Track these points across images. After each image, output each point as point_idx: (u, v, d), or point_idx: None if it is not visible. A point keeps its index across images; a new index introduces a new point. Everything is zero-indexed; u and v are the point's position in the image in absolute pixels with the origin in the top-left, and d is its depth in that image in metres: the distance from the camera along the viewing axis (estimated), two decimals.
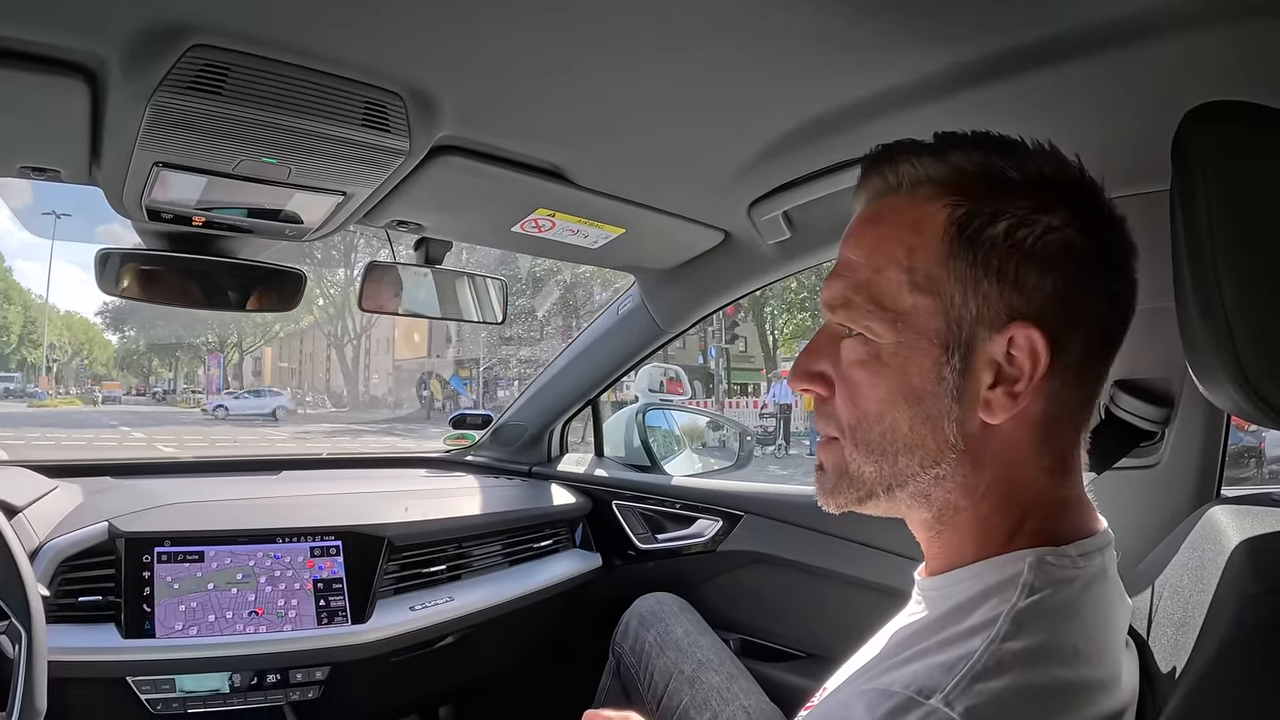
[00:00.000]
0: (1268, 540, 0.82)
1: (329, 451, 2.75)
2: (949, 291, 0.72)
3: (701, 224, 1.73)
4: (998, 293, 0.71)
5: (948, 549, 0.79)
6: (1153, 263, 0.81)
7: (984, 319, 0.71)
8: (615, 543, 2.40)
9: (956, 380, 0.72)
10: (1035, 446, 0.74)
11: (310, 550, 1.69)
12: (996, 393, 0.71)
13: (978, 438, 0.73)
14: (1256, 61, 0.94)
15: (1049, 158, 0.75)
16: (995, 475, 0.74)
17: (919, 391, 0.73)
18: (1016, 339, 0.70)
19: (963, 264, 0.71)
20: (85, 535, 1.52)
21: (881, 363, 0.75)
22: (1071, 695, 0.67)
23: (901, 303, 0.74)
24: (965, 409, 0.72)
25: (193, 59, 0.96)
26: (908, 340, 0.73)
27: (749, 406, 21.88)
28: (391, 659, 1.76)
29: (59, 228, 24.09)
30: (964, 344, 0.72)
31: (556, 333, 26.58)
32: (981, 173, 0.74)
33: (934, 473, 0.74)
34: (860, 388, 0.76)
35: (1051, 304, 0.70)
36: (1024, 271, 0.70)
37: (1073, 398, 0.74)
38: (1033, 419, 0.73)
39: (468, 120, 1.21)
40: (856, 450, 0.77)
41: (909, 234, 0.75)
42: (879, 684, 0.68)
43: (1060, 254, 0.71)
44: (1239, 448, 7.27)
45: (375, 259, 1.84)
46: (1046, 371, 0.70)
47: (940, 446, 0.73)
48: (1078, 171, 0.76)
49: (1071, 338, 0.71)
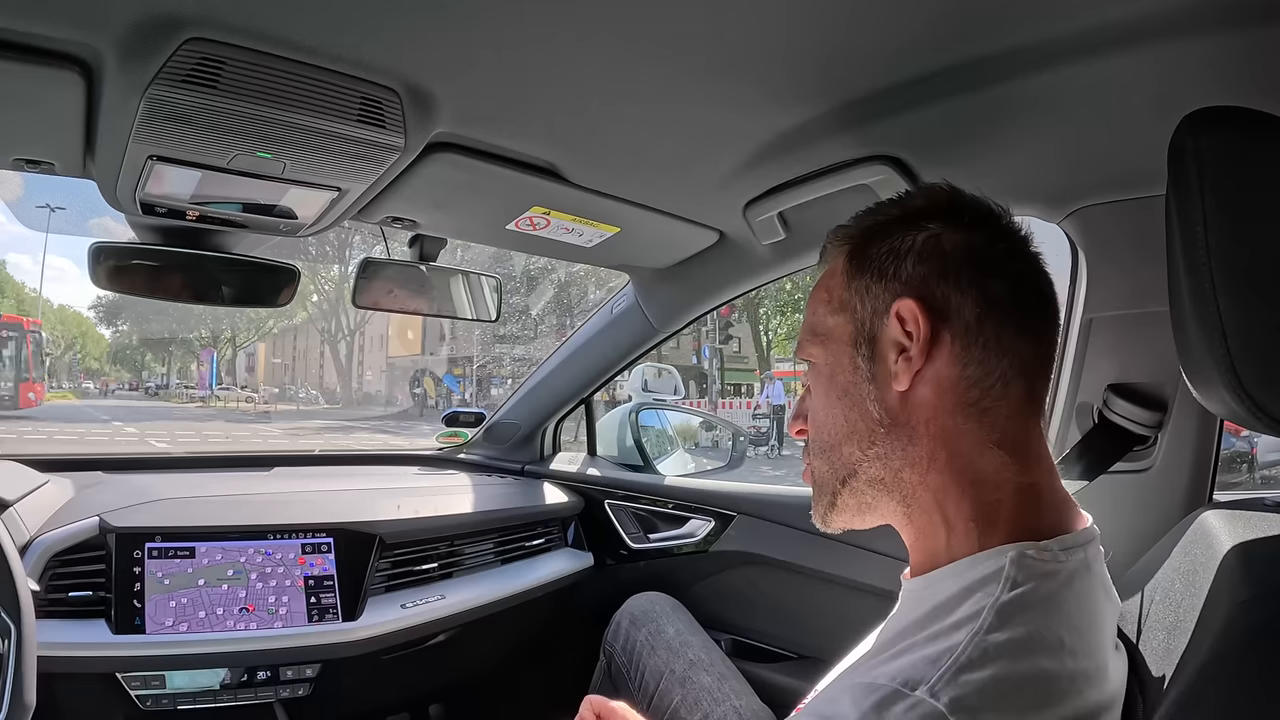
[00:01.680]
0: (1260, 545, 0.83)
1: (321, 448, 2.74)
2: (853, 303, 0.86)
3: (697, 224, 1.73)
4: (882, 288, 0.83)
5: (927, 538, 0.82)
6: (1147, 267, 0.82)
7: (878, 311, 0.83)
8: (607, 542, 2.40)
9: (869, 366, 0.83)
10: (965, 413, 0.80)
11: (301, 547, 1.69)
12: (899, 363, 0.81)
13: (900, 409, 0.81)
14: (1253, 68, 0.94)
15: (923, 193, 0.89)
16: (933, 444, 0.80)
17: (844, 386, 0.86)
18: (900, 313, 0.80)
19: (857, 279, 0.86)
20: (76, 530, 1.52)
21: (821, 376, 0.89)
22: (1056, 686, 0.68)
23: (826, 325, 0.89)
24: (881, 387, 0.83)
25: (188, 52, 0.95)
26: (833, 351, 0.87)
27: (742, 407, 21.91)
28: (382, 657, 1.76)
29: (52, 221, 24.03)
30: (869, 336, 0.84)
31: (550, 331, 26.57)
32: (871, 221, 0.89)
33: (873, 451, 0.83)
34: (815, 404, 0.90)
35: (929, 281, 0.81)
36: (901, 267, 0.82)
37: (990, 364, 0.79)
38: (950, 384, 0.80)
39: (463, 117, 1.21)
40: (815, 457, 0.90)
41: (828, 279, 0.90)
42: (866, 678, 0.69)
43: (932, 250, 0.82)
44: (1231, 453, 7.29)
45: (370, 255, 1.84)
46: (938, 334, 0.79)
47: (870, 425, 0.83)
48: (948, 192, 0.87)
49: (959, 302, 0.79)
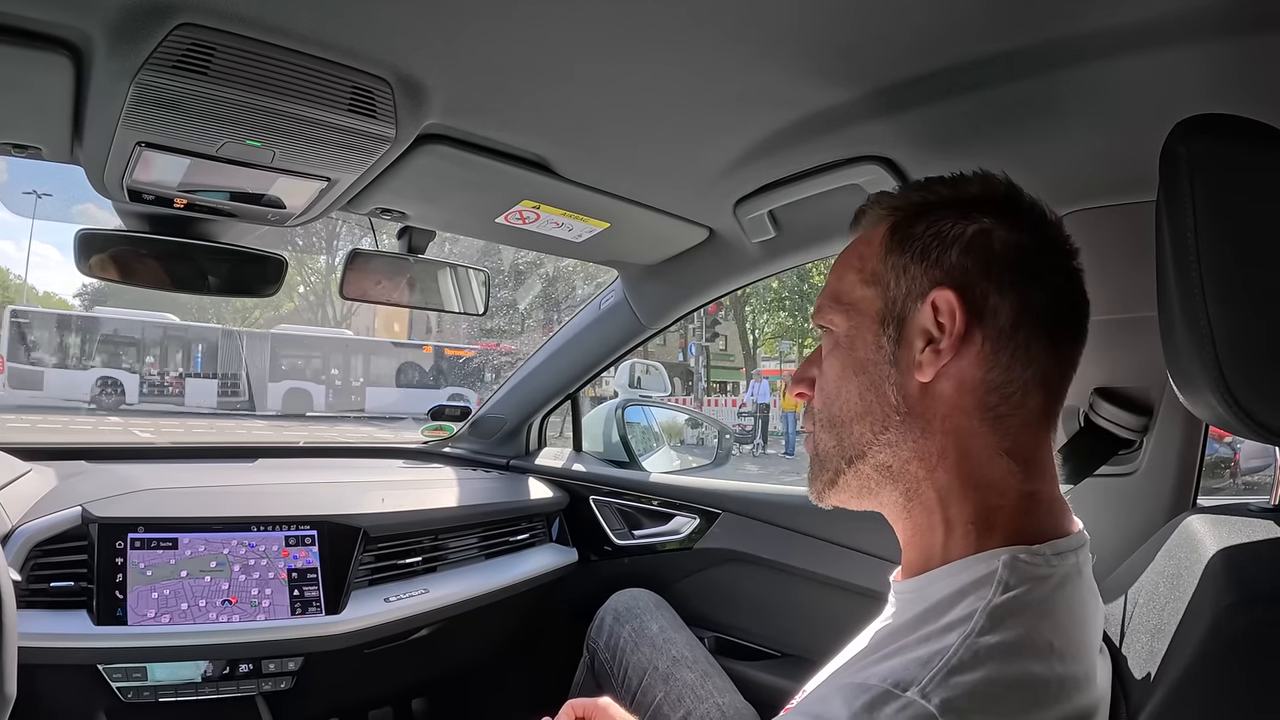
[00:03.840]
0: (1244, 550, 0.83)
1: (306, 440, 2.73)
2: (887, 279, 0.83)
3: (686, 220, 1.73)
4: (922, 271, 0.81)
5: (923, 536, 0.82)
6: (1136, 272, 0.82)
7: (912, 294, 0.81)
8: (592, 538, 2.40)
9: (893, 349, 0.82)
10: (982, 417, 0.79)
11: (285, 539, 1.68)
12: (926, 353, 0.79)
13: (918, 400, 0.80)
14: (1246, 76, 0.95)
15: (979, 181, 0.85)
16: (945, 441, 0.79)
17: (863, 362, 0.84)
18: (937, 302, 0.79)
19: (896, 256, 0.83)
20: (58, 520, 1.51)
21: (839, 346, 0.87)
22: (1045, 690, 0.68)
23: (854, 295, 0.86)
24: (903, 374, 0.81)
25: (179, 38, 0.94)
26: (856, 323, 0.85)
27: (728, 405, 21.94)
28: (365, 650, 1.75)
29: (38, 207, 23.81)
30: (898, 317, 0.82)
31: (538, 326, 26.53)
32: (920, 197, 0.87)
33: (885, 438, 0.82)
34: (827, 374, 0.88)
35: (971, 276, 0.79)
36: (945, 254, 0.80)
37: (1015, 371, 0.78)
38: (972, 384, 0.79)
39: (455, 109, 1.21)
40: (822, 429, 0.88)
41: (863, 246, 0.88)
42: (856, 679, 0.69)
43: (981, 242, 0.80)
44: (1214, 458, 7.33)
45: (358, 247, 1.83)
46: (971, 332, 0.78)
47: (885, 410, 0.82)
48: (1004, 186, 0.85)
49: (996, 304, 0.78)
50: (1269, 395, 0.68)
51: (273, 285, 1.76)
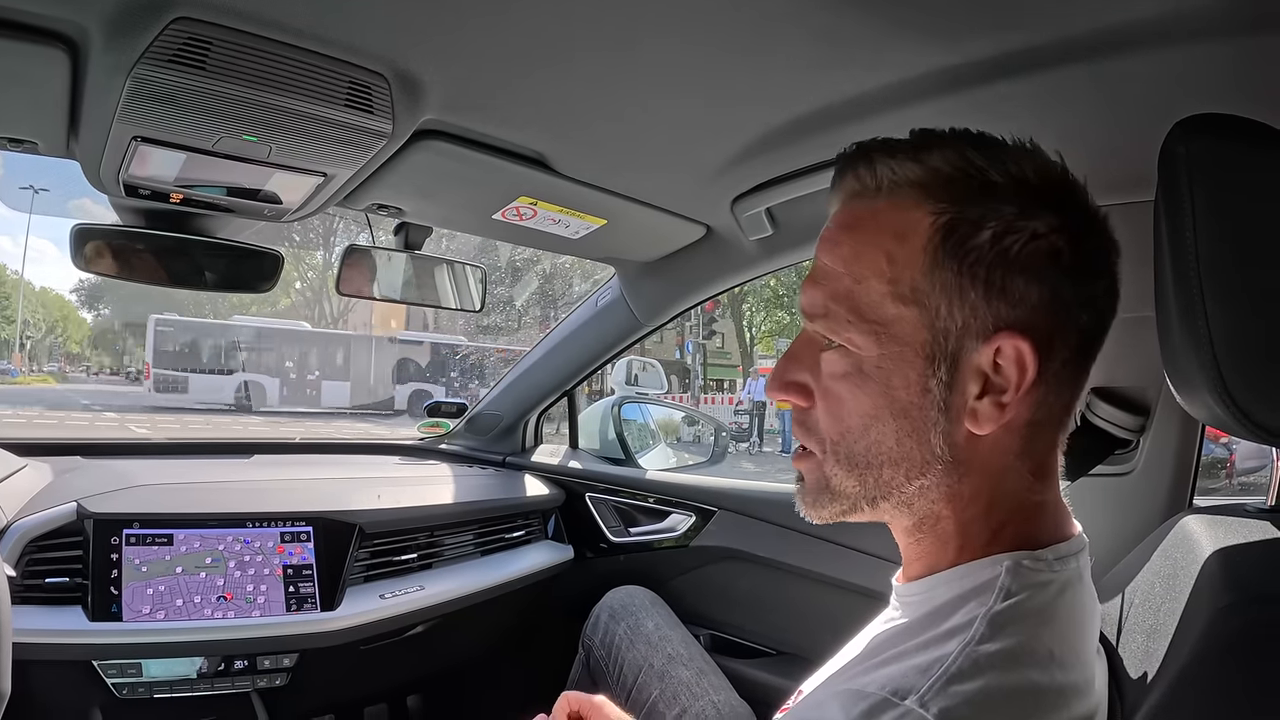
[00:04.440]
0: (1241, 551, 0.83)
1: (302, 436, 2.72)
2: (934, 302, 0.70)
3: (684, 218, 1.72)
4: (984, 303, 0.68)
5: (927, 554, 0.78)
6: (1133, 273, 0.81)
7: (970, 330, 0.69)
8: (588, 535, 2.39)
9: (943, 392, 0.70)
10: (1019, 453, 0.73)
11: (281, 536, 1.68)
12: (984, 403, 0.69)
13: (964, 448, 0.71)
14: (1246, 76, 0.95)
15: (1031, 157, 0.73)
16: (980, 483, 0.73)
17: (905, 405, 0.71)
18: (1004, 349, 0.68)
19: (948, 274, 0.69)
20: (53, 515, 1.50)
21: (865, 376, 0.72)
22: (1045, 699, 0.67)
23: (884, 313, 0.71)
24: (951, 421, 0.71)
25: (175, 32, 0.94)
26: (891, 353, 0.71)
27: (724, 403, 21.94)
28: (360, 647, 1.75)
29: (34, 202, 23.83)
30: (950, 355, 0.70)
31: (534, 323, 26.51)
32: (962, 175, 0.71)
33: (919, 484, 0.73)
34: (844, 402, 0.74)
35: (1038, 313, 0.68)
36: (1010, 281, 0.68)
37: (1055, 403, 0.73)
38: (1018, 427, 0.72)
39: (452, 105, 1.20)
40: (839, 465, 0.76)
41: (891, 242, 0.72)
42: (854, 685, 0.68)
43: (1047, 262, 0.68)
44: (1209, 459, 7.34)
45: (354, 243, 1.83)
46: (1034, 380, 0.68)
47: (926, 458, 0.72)
48: (1061, 172, 0.74)
49: (1057, 345, 0.69)
50: (1267, 396, 0.68)
51: (269, 281, 1.75)
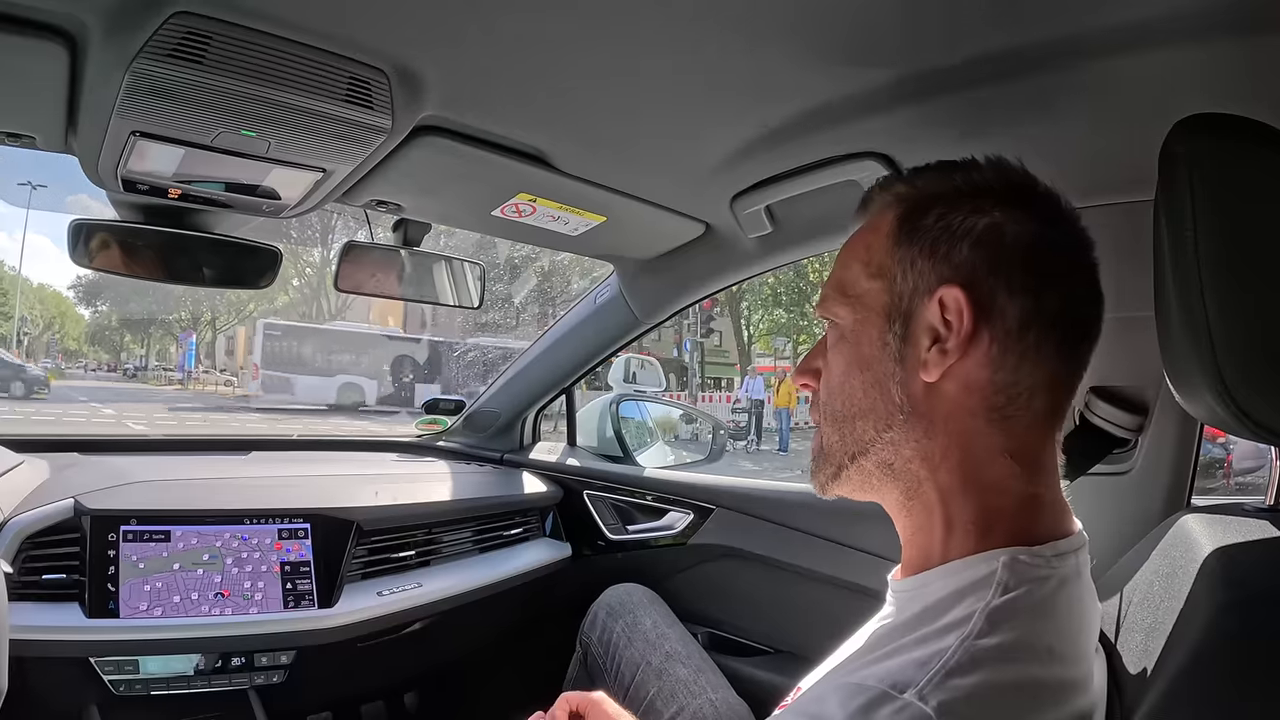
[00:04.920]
0: (1240, 550, 0.83)
1: (299, 433, 2.72)
2: (893, 273, 0.81)
3: (683, 215, 1.72)
4: (930, 266, 0.79)
5: (923, 534, 0.81)
6: (1132, 272, 0.82)
7: (919, 289, 0.79)
8: (585, 532, 2.39)
9: (898, 345, 0.80)
10: (987, 418, 0.77)
11: (278, 532, 1.68)
12: (932, 352, 0.77)
13: (923, 399, 0.79)
14: (1246, 76, 0.95)
15: (993, 168, 0.83)
16: (948, 441, 0.78)
17: (868, 358, 0.82)
18: (944, 300, 0.76)
19: (903, 248, 0.81)
20: (50, 512, 1.50)
21: (844, 340, 0.85)
22: (1044, 693, 0.68)
23: (859, 288, 0.84)
24: (908, 371, 0.79)
25: (174, 26, 0.93)
26: (862, 317, 0.83)
27: (722, 401, 21.97)
28: (358, 644, 1.75)
29: (32, 197, 23.87)
30: (904, 313, 0.80)
31: (532, 320, 26.51)
32: (930, 184, 0.84)
33: (888, 436, 0.81)
34: (831, 366, 0.86)
35: (981, 272, 0.76)
36: (954, 248, 0.78)
37: (1023, 373, 0.76)
38: (978, 385, 0.77)
39: (452, 101, 1.20)
40: (827, 424, 0.87)
41: (870, 236, 0.85)
42: (853, 679, 0.69)
43: (992, 237, 0.77)
44: (1207, 459, 7.34)
45: (353, 239, 1.83)
46: (978, 332, 0.76)
47: (889, 408, 0.80)
48: (1020, 175, 0.82)
49: (1005, 304, 0.76)
50: (1267, 396, 0.68)
51: (268, 276, 1.75)
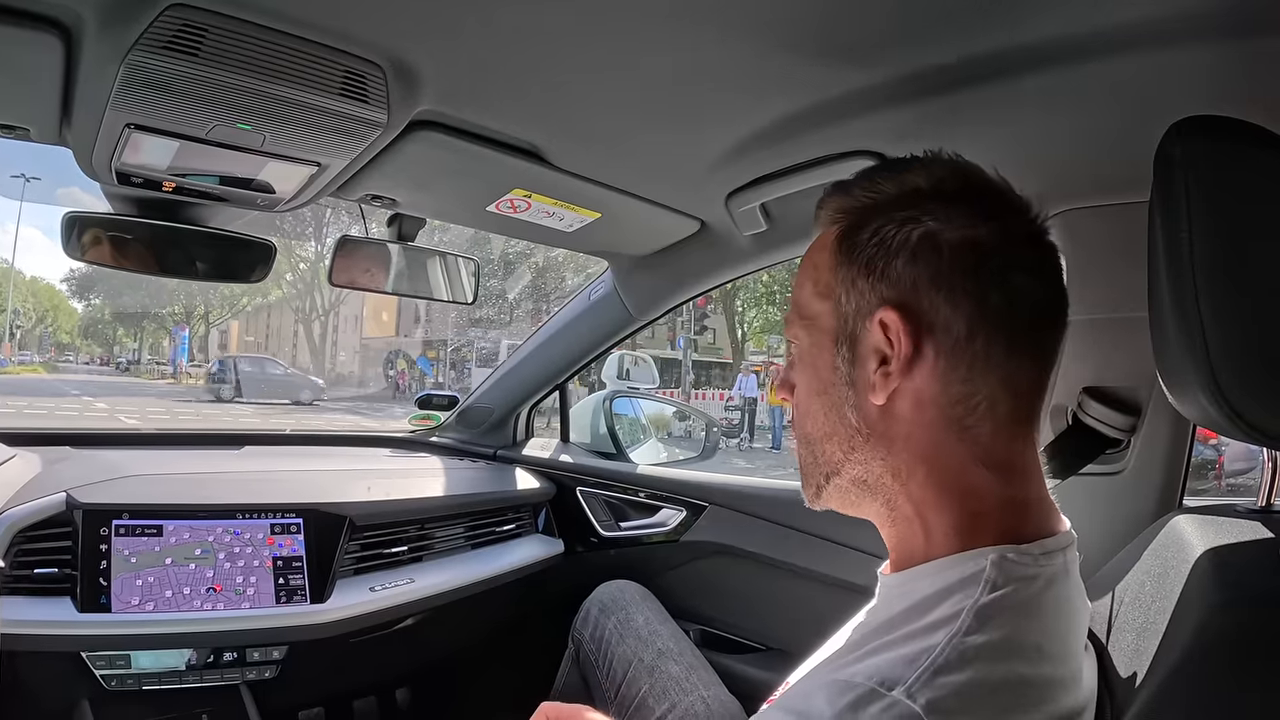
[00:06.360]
0: (1232, 551, 0.83)
1: (292, 428, 2.72)
2: (837, 293, 0.80)
3: (678, 212, 1.72)
4: (869, 286, 0.77)
5: (905, 540, 0.81)
6: (1127, 273, 0.82)
7: (862, 311, 0.78)
8: (578, 529, 2.39)
9: (848, 369, 0.79)
10: (949, 430, 0.76)
11: (271, 527, 1.67)
12: (878, 375, 0.76)
13: (878, 420, 0.78)
14: (1242, 78, 0.95)
15: (923, 169, 0.80)
16: (912, 457, 0.77)
17: (824, 383, 0.82)
18: (886, 322, 0.75)
19: (844, 268, 0.80)
20: (42, 505, 1.49)
21: (803, 363, 0.85)
22: (1032, 691, 0.68)
23: (812, 309, 0.83)
24: (860, 394, 0.79)
25: (170, 18, 0.93)
26: (815, 340, 0.83)
27: (716, 398, 21.98)
28: (350, 640, 1.74)
29: (25, 190, 23.81)
30: (850, 336, 0.79)
31: (526, 316, 26.52)
32: (865, 194, 0.81)
33: (855, 456, 0.80)
34: (796, 388, 0.87)
35: (919, 288, 0.75)
36: (890, 265, 0.76)
37: (976, 382, 0.75)
38: (931, 400, 0.76)
39: (448, 96, 1.20)
40: (800, 443, 0.87)
41: (817, 254, 0.84)
42: (841, 675, 0.68)
43: (927, 247, 0.75)
44: (1198, 460, 7.38)
45: (347, 234, 1.82)
46: (921, 350, 0.74)
47: (848, 431, 0.80)
48: (950, 171, 0.80)
49: (949, 317, 0.74)
50: (1260, 397, 0.68)
51: (261, 270, 1.75)
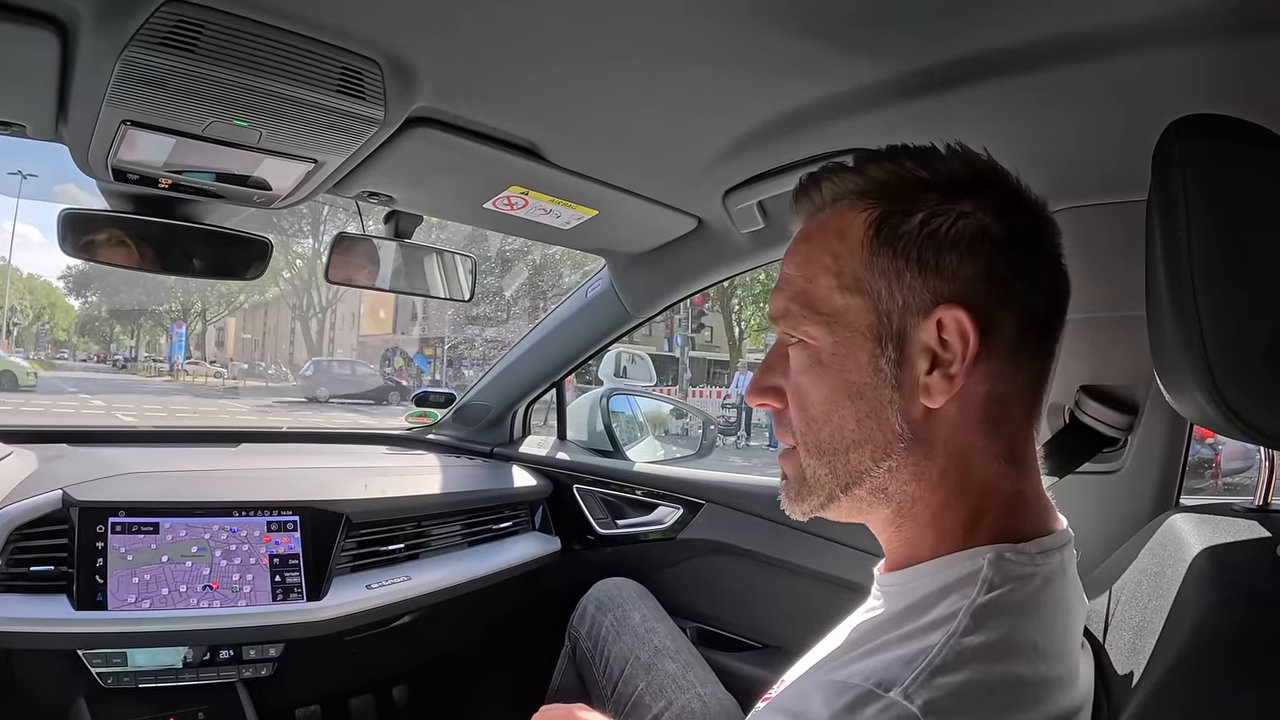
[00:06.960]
0: (1229, 550, 0.84)
1: (289, 425, 2.72)
2: (875, 288, 0.75)
3: (675, 209, 1.72)
4: (920, 281, 0.74)
5: (907, 544, 0.80)
6: (1123, 271, 0.81)
7: (911, 307, 0.74)
8: (575, 527, 2.39)
9: (894, 370, 0.75)
10: (984, 430, 0.75)
11: (267, 525, 1.67)
12: (934, 376, 0.73)
13: (924, 424, 0.75)
14: (1240, 77, 0.95)
15: (958, 157, 0.78)
16: (948, 461, 0.75)
17: (860, 386, 0.76)
18: (944, 321, 0.72)
19: (885, 260, 0.75)
20: (39, 503, 1.49)
21: (823, 365, 0.78)
22: (1029, 691, 0.68)
23: (834, 304, 0.77)
24: (906, 397, 0.74)
25: (166, 14, 0.93)
26: (843, 339, 0.77)
27: (713, 396, 21.99)
28: (346, 637, 1.74)
29: (21, 187, 23.73)
30: (896, 334, 0.74)
31: (523, 313, 26.50)
32: (894, 177, 0.78)
33: (886, 465, 0.76)
34: (807, 393, 0.79)
35: (975, 285, 0.73)
36: (943, 258, 0.73)
37: (1015, 380, 0.76)
38: (977, 401, 0.75)
39: (445, 92, 1.20)
40: (810, 455, 0.80)
41: (835, 242, 0.78)
42: (838, 676, 0.68)
43: (976, 238, 0.73)
44: (1195, 459, 7.37)
45: (344, 230, 1.82)
46: (980, 350, 0.72)
47: (888, 437, 0.75)
48: (988, 164, 0.79)
49: (1001, 316, 0.73)
50: (1258, 396, 0.68)
51: (258, 267, 1.75)
